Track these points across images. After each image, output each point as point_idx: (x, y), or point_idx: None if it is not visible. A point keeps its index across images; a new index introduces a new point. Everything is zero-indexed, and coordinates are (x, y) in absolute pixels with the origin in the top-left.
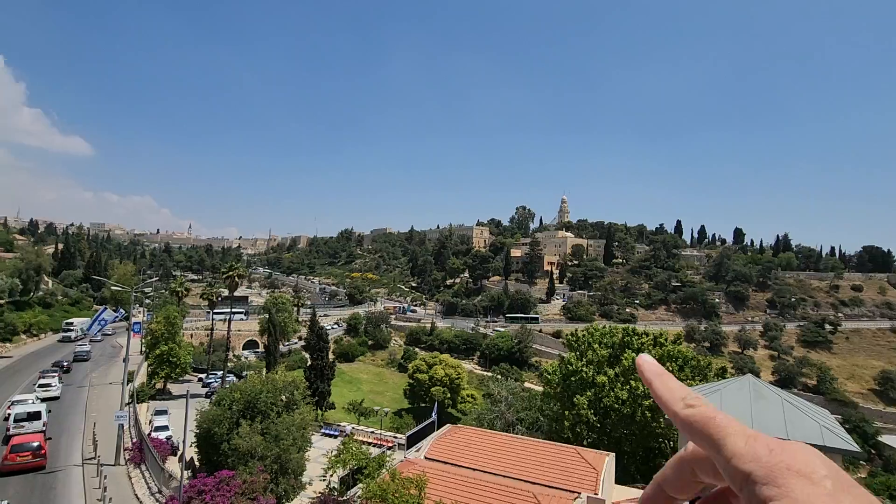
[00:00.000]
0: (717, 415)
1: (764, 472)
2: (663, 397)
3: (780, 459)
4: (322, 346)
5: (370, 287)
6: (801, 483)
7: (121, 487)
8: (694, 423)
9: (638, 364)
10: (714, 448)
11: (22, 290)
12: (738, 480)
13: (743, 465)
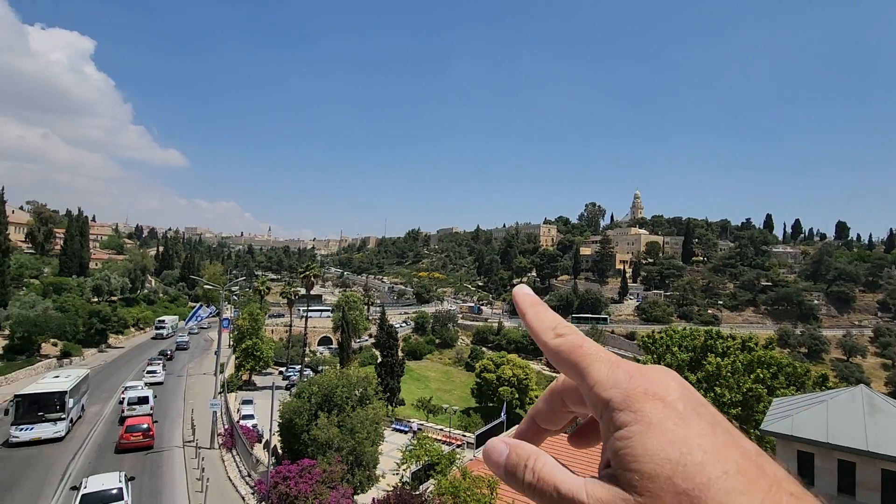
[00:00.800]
0: (584, 343)
1: (622, 398)
2: (534, 327)
3: (637, 384)
4: (392, 343)
5: (437, 286)
6: (655, 406)
7: (215, 469)
8: (561, 351)
9: (514, 294)
10: (579, 376)
11: (131, 288)
12: (599, 408)
13: (603, 392)
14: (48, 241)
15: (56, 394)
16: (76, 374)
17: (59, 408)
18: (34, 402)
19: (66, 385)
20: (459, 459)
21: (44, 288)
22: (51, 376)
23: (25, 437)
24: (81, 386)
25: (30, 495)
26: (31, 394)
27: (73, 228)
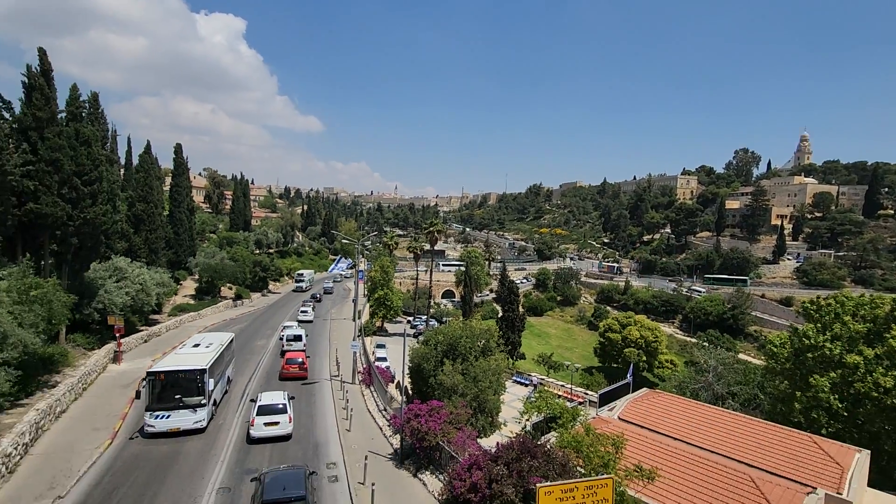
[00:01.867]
0: None
1: None
2: None
3: None
4: (512, 298)
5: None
6: None
7: (357, 401)
8: None
9: None
10: None
11: (283, 242)
12: None
13: None
14: (220, 202)
15: (193, 373)
16: (219, 341)
17: (198, 389)
18: (169, 383)
19: (206, 359)
20: (582, 416)
21: (219, 241)
22: (190, 344)
23: (162, 428)
24: (225, 355)
25: (223, 404)
26: (163, 371)
27: (237, 190)
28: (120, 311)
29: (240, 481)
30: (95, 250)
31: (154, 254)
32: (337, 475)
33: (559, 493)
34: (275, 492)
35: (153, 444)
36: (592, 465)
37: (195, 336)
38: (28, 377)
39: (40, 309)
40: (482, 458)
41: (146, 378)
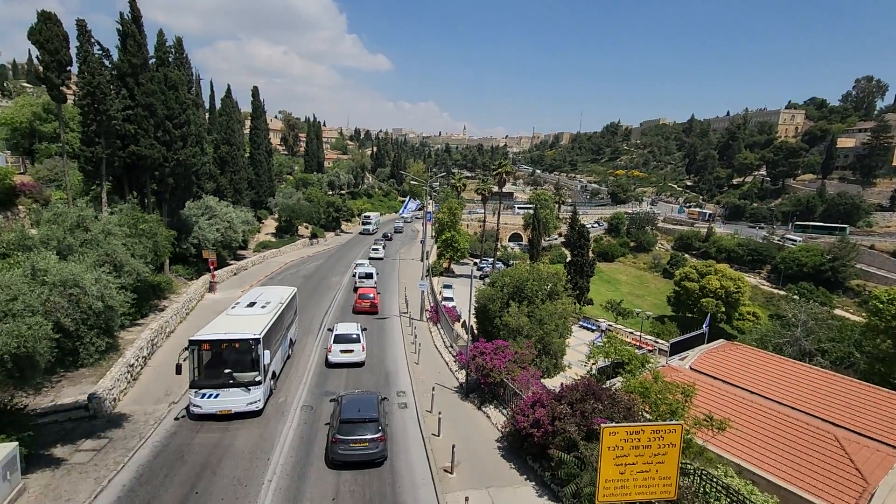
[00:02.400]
0: None
1: None
2: None
3: None
4: (582, 243)
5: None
6: None
7: (424, 336)
8: None
9: None
10: None
11: (353, 183)
12: None
13: None
14: (295, 144)
15: (245, 342)
16: (278, 299)
17: (251, 363)
18: (216, 355)
19: (260, 326)
20: (652, 363)
21: (295, 182)
22: (245, 302)
23: (209, 409)
24: (286, 316)
25: (305, 332)
26: (208, 339)
27: (311, 132)
28: (212, 246)
29: (320, 401)
30: (188, 190)
31: (238, 194)
32: (406, 403)
33: (624, 434)
34: (351, 412)
35: None
36: (659, 411)
37: (252, 291)
38: (142, 301)
39: (147, 242)
40: (546, 397)
41: (188, 347)
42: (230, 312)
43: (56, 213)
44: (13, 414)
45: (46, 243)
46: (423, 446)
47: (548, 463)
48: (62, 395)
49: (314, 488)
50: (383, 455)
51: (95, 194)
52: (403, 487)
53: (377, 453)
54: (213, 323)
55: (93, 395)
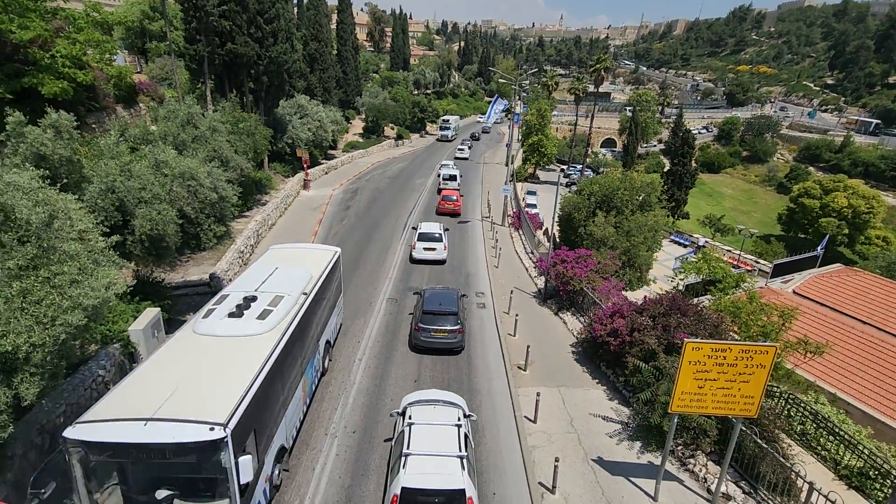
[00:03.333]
0: None
1: None
2: None
3: None
4: (685, 151)
5: (760, 84)
6: None
7: (505, 242)
8: None
9: None
10: None
11: (439, 82)
12: None
13: None
14: (381, 40)
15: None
16: (302, 282)
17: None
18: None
19: (233, 395)
20: (748, 283)
21: (381, 81)
22: (234, 298)
23: None
24: (314, 319)
25: (391, 231)
26: (102, 442)
27: (396, 27)
28: (304, 145)
29: (403, 295)
30: (282, 88)
31: (327, 93)
32: (484, 303)
33: (709, 350)
34: (432, 305)
35: None
36: (750, 332)
37: (266, 256)
38: (246, 195)
39: (247, 140)
40: (626, 308)
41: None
42: (176, 345)
43: (170, 110)
44: (155, 285)
45: (164, 139)
46: (499, 343)
47: (622, 370)
48: (189, 273)
49: (398, 370)
50: (461, 345)
51: (201, 92)
52: (479, 378)
53: (455, 343)
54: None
55: (213, 275)
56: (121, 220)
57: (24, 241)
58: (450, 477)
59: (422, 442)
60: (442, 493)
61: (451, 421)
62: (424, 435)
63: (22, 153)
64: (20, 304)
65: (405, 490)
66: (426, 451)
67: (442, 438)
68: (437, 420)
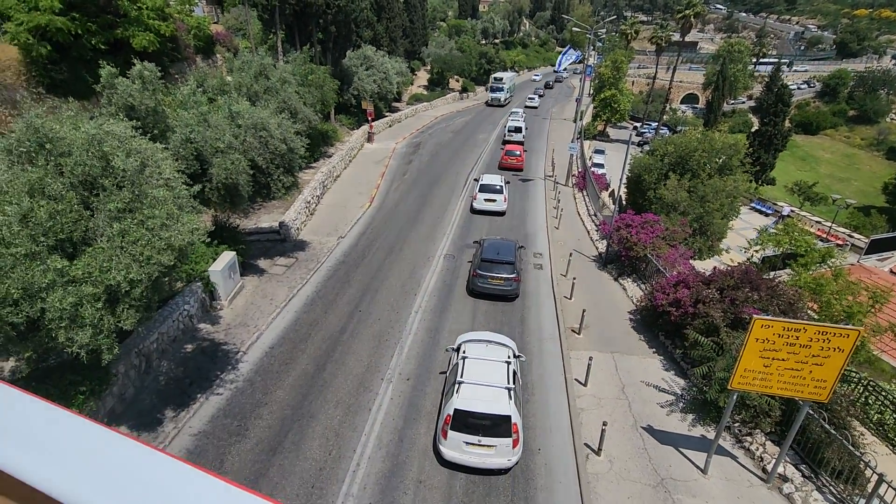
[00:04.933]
0: None
1: None
2: None
3: None
4: (779, 109)
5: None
6: None
7: (568, 201)
8: None
9: None
10: None
11: (509, 31)
12: None
13: None
14: None
15: None
16: None
17: None
18: None
19: None
20: (836, 259)
21: (448, 30)
22: None
23: None
24: None
25: (451, 187)
26: None
27: None
28: (370, 97)
29: (461, 251)
30: (349, 38)
31: (393, 43)
32: (542, 264)
33: (780, 329)
34: (490, 253)
35: (402, 207)
36: (831, 312)
37: None
38: (313, 147)
39: (316, 92)
40: (692, 279)
41: None
42: None
43: (244, 61)
44: (231, 231)
45: (238, 89)
46: (554, 306)
47: (681, 342)
48: (261, 221)
49: (454, 318)
50: (516, 293)
51: (272, 43)
52: (531, 338)
53: (511, 290)
54: None
55: (282, 223)
56: (199, 168)
57: (121, 187)
58: (498, 403)
59: (474, 373)
60: (490, 416)
61: (502, 358)
62: (477, 368)
63: (115, 104)
64: (120, 243)
65: (458, 411)
66: (478, 380)
67: (493, 372)
68: (489, 356)
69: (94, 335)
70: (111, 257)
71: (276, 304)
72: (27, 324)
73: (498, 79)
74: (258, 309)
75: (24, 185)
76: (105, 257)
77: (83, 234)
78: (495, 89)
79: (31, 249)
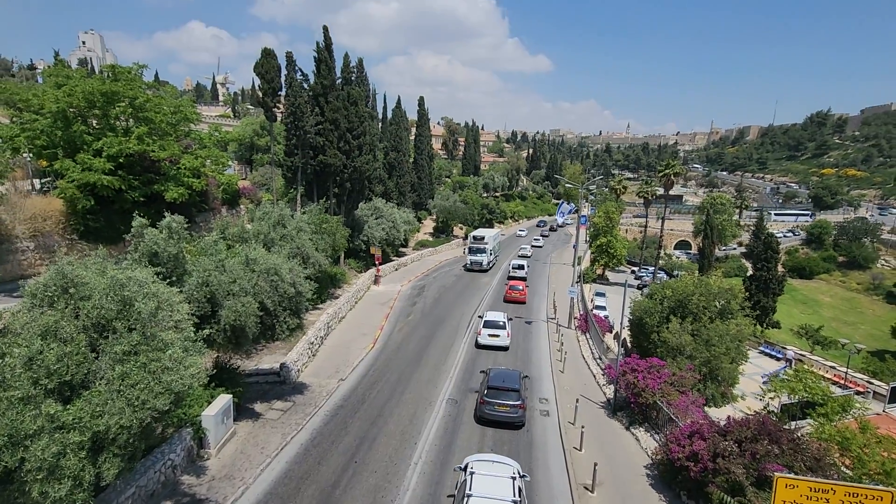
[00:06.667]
0: None
1: None
2: None
3: None
4: (769, 255)
5: (850, 188)
6: None
7: (572, 345)
8: None
9: None
10: None
11: (508, 186)
12: None
13: None
14: (454, 148)
15: None
16: None
17: None
18: None
19: None
20: (858, 409)
21: (453, 185)
22: None
23: None
24: None
25: (454, 328)
26: None
27: (469, 137)
28: (378, 243)
29: (464, 396)
30: (362, 193)
31: (402, 196)
32: (548, 411)
33: (806, 490)
34: (497, 381)
35: (405, 348)
36: (866, 469)
37: None
38: (321, 289)
39: (329, 238)
40: (707, 428)
41: None
42: None
43: (264, 212)
44: (230, 372)
45: (257, 237)
46: (564, 458)
47: (706, 502)
48: (262, 362)
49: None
50: (521, 420)
51: (292, 196)
52: (540, 497)
53: (517, 418)
54: None
55: (283, 365)
56: (210, 310)
57: (132, 329)
58: None
59: (481, 488)
60: None
61: (507, 474)
62: (483, 483)
63: (141, 250)
64: (118, 386)
65: None
66: (485, 494)
67: (499, 486)
68: (495, 472)
69: (73, 489)
70: (106, 401)
71: (266, 454)
72: (1, 475)
73: (478, 238)
74: (248, 459)
75: (39, 329)
76: (100, 401)
77: (84, 377)
78: (475, 250)
79: (28, 393)
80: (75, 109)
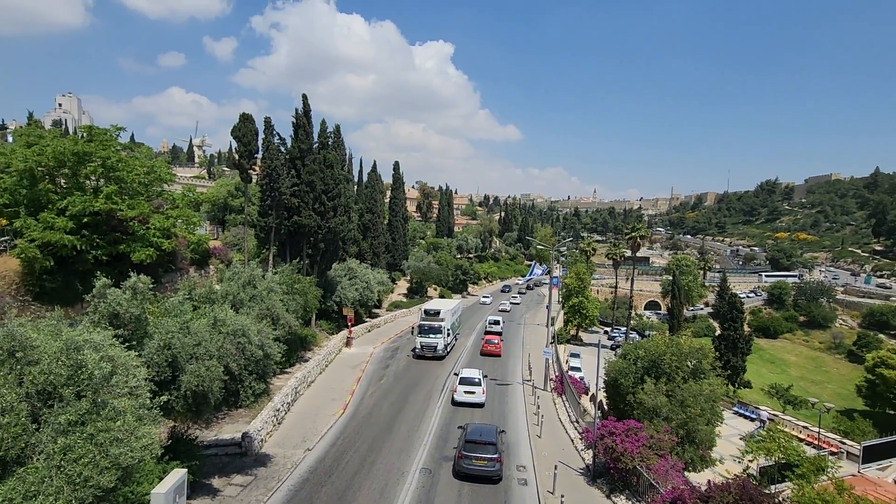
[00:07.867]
0: None
1: None
2: None
3: None
4: (734, 315)
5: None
6: None
7: (548, 408)
8: None
9: None
10: None
11: (481, 248)
12: None
13: None
14: (429, 211)
15: None
16: None
17: None
18: None
19: None
20: (832, 469)
21: (427, 246)
22: None
23: None
24: None
25: (427, 393)
26: None
27: (443, 200)
28: (351, 304)
29: (438, 466)
30: (335, 253)
31: (377, 257)
32: (526, 479)
33: None
34: (474, 436)
35: (376, 414)
36: None
37: None
38: (291, 352)
39: (300, 299)
40: (688, 495)
41: None
42: None
43: (234, 272)
44: (187, 444)
45: (225, 297)
46: None
47: None
48: (223, 431)
49: None
50: (499, 475)
51: (265, 257)
52: None
53: (494, 472)
54: None
55: (245, 434)
56: (170, 375)
57: (81, 396)
58: None
59: None
60: None
61: None
62: None
63: (101, 311)
64: (59, 461)
65: None
66: None
67: None
68: None
69: None
70: (43, 479)
71: None
72: None
73: (431, 313)
74: None
75: None
76: (35, 479)
77: (20, 451)
78: (427, 330)
79: None
80: (44, 168)
